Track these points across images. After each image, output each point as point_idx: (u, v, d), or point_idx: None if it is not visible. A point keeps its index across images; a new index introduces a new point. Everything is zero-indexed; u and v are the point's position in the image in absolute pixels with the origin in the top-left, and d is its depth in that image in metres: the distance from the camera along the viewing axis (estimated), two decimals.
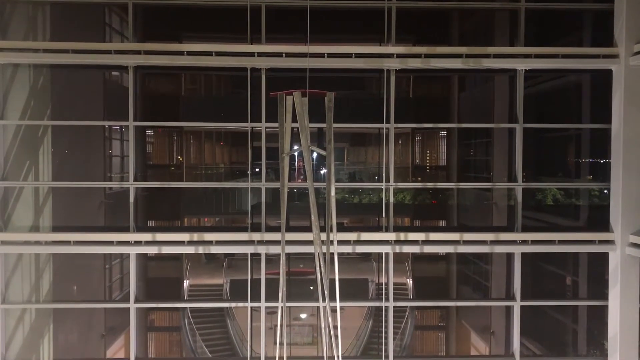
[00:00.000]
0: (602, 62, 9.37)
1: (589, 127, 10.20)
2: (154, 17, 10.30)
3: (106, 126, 11.14)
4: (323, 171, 11.51)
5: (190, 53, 9.43)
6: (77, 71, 10.02)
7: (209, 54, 9.42)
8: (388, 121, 9.71)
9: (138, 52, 9.34)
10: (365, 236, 9.54)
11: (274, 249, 9.43)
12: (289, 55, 9.45)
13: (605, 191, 9.88)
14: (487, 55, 9.41)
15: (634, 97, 9.17)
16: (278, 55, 9.48)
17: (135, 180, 9.59)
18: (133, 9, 9.57)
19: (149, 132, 11.06)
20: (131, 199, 9.55)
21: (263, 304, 9.60)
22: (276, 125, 6.94)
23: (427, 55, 9.45)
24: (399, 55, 9.51)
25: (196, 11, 10.20)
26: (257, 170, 9.99)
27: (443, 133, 11.65)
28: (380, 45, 9.87)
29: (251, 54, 9.48)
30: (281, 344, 9.15)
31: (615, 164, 9.43)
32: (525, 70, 9.59)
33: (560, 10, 10.04)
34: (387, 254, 9.71)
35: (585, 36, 10.33)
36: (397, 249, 9.54)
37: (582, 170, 10.91)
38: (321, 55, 9.42)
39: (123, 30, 10.19)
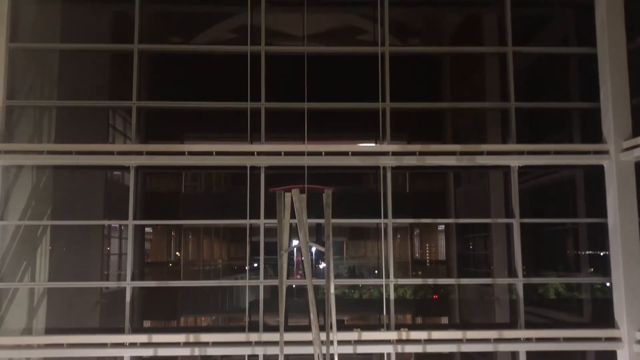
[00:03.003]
0: (594, 158, 9.59)
1: (586, 222, 10.26)
2: (156, 118, 10.63)
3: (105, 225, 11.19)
4: (322, 265, 11.43)
5: (191, 153, 9.67)
6: (79, 171, 10.20)
7: (209, 153, 9.66)
8: (386, 216, 9.78)
9: (140, 153, 9.58)
10: (367, 335, 9.32)
11: (272, 350, 9.17)
12: (287, 153, 9.69)
13: (608, 284, 9.78)
14: (480, 153, 9.66)
15: (627, 192, 9.32)
16: (277, 153, 9.72)
17: (133, 279, 9.51)
18: (137, 111, 9.92)
19: (147, 229, 11.09)
20: (127, 299, 9.43)
21: None
22: (275, 221, 7.01)
23: (422, 153, 9.69)
24: (394, 153, 9.75)
25: (198, 112, 10.55)
26: (255, 265, 9.93)
27: (441, 227, 11.68)
28: (376, 142, 10.13)
29: (251, 153, 9.73)
30: None
31: (615, 258, 9.41)
32: (519, 166, 9.80)
33: (549, 108, 10.43)
34: (389, 354, 9.44)
35: (575, 132, 10.64)
36: (399, 348, 9.30)
37: (583, 263, 10.84)
38: (319, 153, 9.65)
39: (126, 131, 10.50)
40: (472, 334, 9.32)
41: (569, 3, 10.50)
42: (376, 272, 10.40)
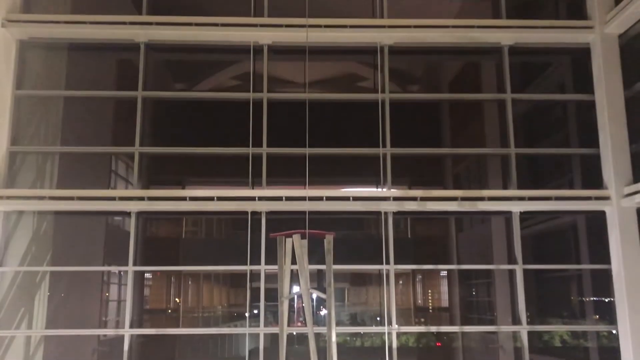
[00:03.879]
0: (595, 204, 9.58)
1: (589, 268, 10.16)
2: (158, 163, 10.69)
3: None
4: (323, 312, 11.27)
5: (192, 198, 9.67)
6: (80, 216, 10.19)
7: (210, 199, 9.66)
8: (388, 262, 9.71)
9: (142, 199, 9.58)
10: None
11: None
12: (288, 198, 9.69)
13: (614, 332, 9.61)
14: (481, 198, 9.65)
15: (630, 238, 9.26)
16: (278, 199, 9.72)
17: (131, 326, 9.36)
18: (139, 157, 9.98)
19: (147, 275, 11.00)
20: (126, 347, 9.25)
21: None
22: (276, 267, 6.93)
23: (423, 199, 9.68)
24: (396, 198, 9.75)
25: (200, 157, 10.62)
26: (255, 312, 9.79)
27: (444, 273, 11.59)
28: (377, 187, 10.15)
29: (252, 198, 9.72)
30: None
31: (621, 306, 9.27)
32: (521, 212, 9.79)
33: (549, 154, 10.49)
34: None
35: (576, 177, 10.65)
36: None
37: (588, 310, 10.68)
38: (320, 198, 9.65)
39: (128, 176, 10.54)
40: None
41: (565, 51, 10.66)
42: (378, 319, 10.25)
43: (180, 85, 11.71)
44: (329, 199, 9.70)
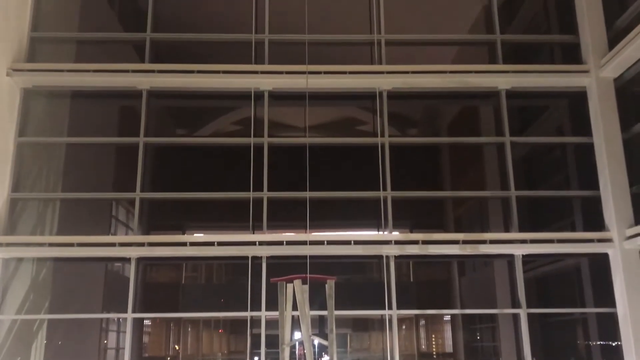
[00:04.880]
0: (597, 247, 9.52)
1: (595, 312, 10.01)
2: (158, 208, 10.68)
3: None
4: (325, 359, 11.06)
5: (193, 244, 9.64)
6: (79, 262, 10.12)
7: (211, 244, 9.62)
8: (390, 307, 9.58)
9: (142, 244, 9.54)
10: None
11: None
12: (289, 243, 9.65)
13: None
14: (483, 242, 9.61)
15: (635, 281, 9.16)
16: (279, 243, 9.68)
17: None
18: (139, 202, 9.98)
19: (146, 321, 10.85)
20: None
21: None
22: (276, 313, 6.83)
23: (425, 242, 9.64)
24: (397, 242, 9.71)
25: (200, 202, 10.61)
26: (256, 359, 9.60)
27: (447, 317, 11.41)
28: (378, 230, 10.11)
29: (252, 243, 9.69)
30: None
31: (628, 350, 9.10)
32: (523, 254, 9.72)
33: (549, 196, 10.48)
34: None
35: (577, 218, 10.62)
36: None
37: (594, 354, 10.47)
38: (321, 242, 9.61)
39: (128, 221, 10.52)
40: None
41: (562, 94, 10.79)
42: None
43: (182, 130, 11.82)
44: (330, 242, 9.67)
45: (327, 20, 11.30)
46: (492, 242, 9.64)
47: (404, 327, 11.69)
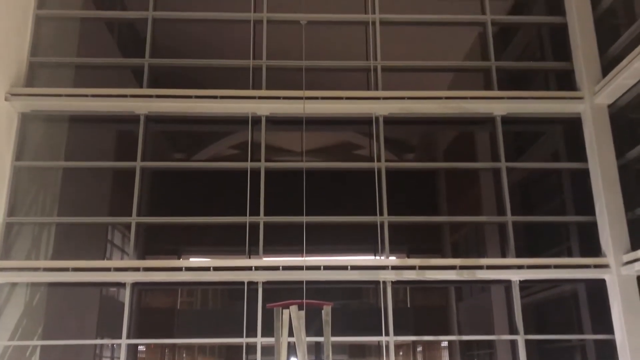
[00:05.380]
0: (594, 272, 9.50)
1: (593, 338, 9.94)
2: (154, 233, 10.65)
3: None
4: None
5: (188, 269, 9.58)
6: (74, 287, 10.04)
7: (207, 269, 9.56)
8: (387, 333, 9.50)
9: (137, 269, 9.47)
10: None
11: None
12: (285, 268, 9.61)
13: None
14: (480, 267, 9.57)
15: (632, 307, 9.12)
16: (275, 268, 9.63)
17: None
18: (135, 226, 9.95)
19: (141, 347, 10.73)
20: None
21: None
22: (272, 339, 6.78)
23: (422, 267, 9.60)
24: (394, 267, 9.67)
25: (196, 226, 10.59)
26: None
27: (445, 343, 11.34)
28: (375, 255, 10.08)
29: (249, 268, 9.63)
30: None
31: None
32: (520, 280, 9.70)
33: (546, 222, 10.50)
34: None
35: (574, 244, 10.62)
36: None
37: None
38: (317, 267, 9.56)
39: (124, 245, 10.47)
40: None
41: (557, 120, 10.87)
42: None
43: (179, 154, 11.86)
44: (326, 268, 9.61)
45: (324, 47, 11.43)
46: (489, 267, 9.60)
47: (401, 353, 11.60)
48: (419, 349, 11.82)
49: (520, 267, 9.61)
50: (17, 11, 10.48)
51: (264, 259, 9.76)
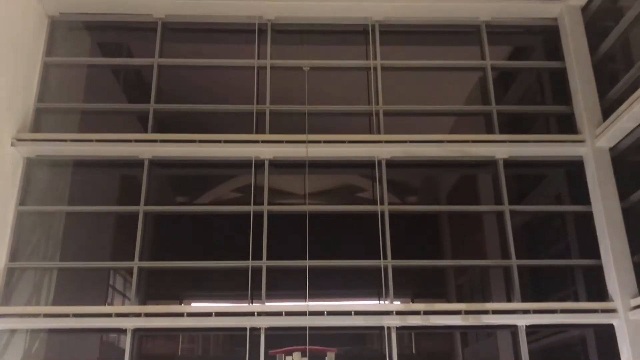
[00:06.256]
0: (602, 317, 9.37)
1: None
2: (156, 277, 10.58)
3: None
4: None
5: (190, 314, 9.48)
6: (74, 334, 9.91)
7: (208, 314, 9.47)
8: None
9: (138, 315, 9.38)
10: None
11: None
12: (288, 313, 9.50)
13: None
14: (486, 312, 9.46)
15: None
16: (278, 313, 9.53)
17: None
18: (137, 271, 9.88)
19: None
20: None
21: None
22: None
23: (427, 312, 9.49)
24: (399, 312, 9.55)
25: (198, 271, 10.51)
26: None
27: None
28: (379, 299, 9.97)
29: (251, 314, 9.54)
30: None
31: None
32: (526, 325, 9.55)
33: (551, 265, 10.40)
34: None
35: (580, 288, 10.49)
36: None
37: None
38: (321, 313, 9.46)
39: (125, 290, 10.39)
40: None
41: (559, 163, 10.92)
42: None
43: (182, 198, 11.87)
44: (330, 313, 9.51)
45: (327, 92, 11.60)
46: (495, 312, 9.48)
47: None
48: None
49: (526, 311, 9.49)
50: (26, 58, 10.71)
51: (267, 304, 9.66)
